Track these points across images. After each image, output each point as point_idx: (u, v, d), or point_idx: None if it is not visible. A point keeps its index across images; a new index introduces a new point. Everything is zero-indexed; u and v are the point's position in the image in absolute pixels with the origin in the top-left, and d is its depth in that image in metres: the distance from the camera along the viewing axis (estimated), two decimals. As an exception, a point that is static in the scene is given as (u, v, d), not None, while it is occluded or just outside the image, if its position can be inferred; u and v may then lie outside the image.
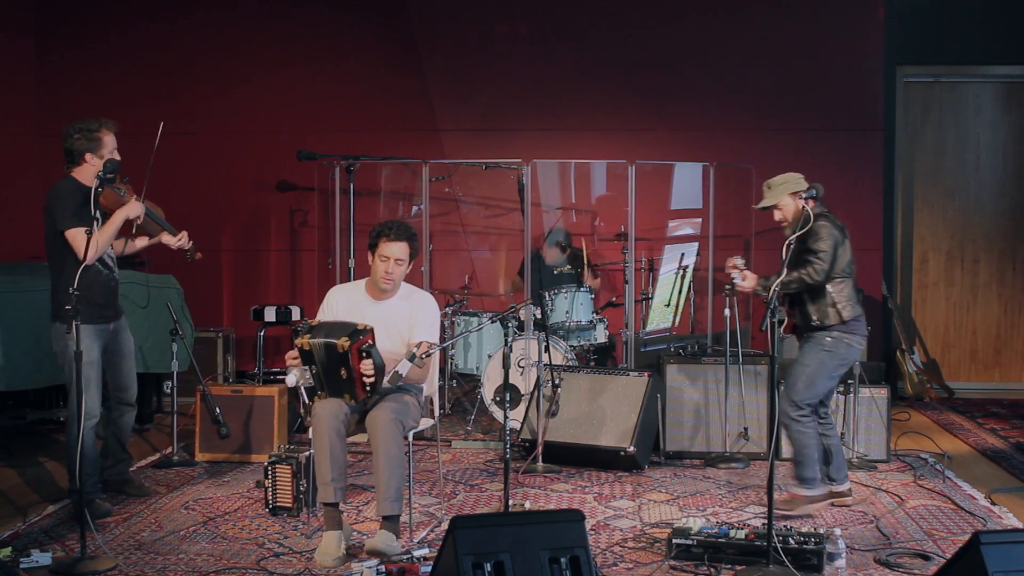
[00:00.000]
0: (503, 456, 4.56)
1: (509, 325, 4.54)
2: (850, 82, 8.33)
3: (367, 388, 4.34)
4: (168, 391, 6.68)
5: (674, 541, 4.24)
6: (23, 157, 8.35)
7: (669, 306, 7.63)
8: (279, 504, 4.94)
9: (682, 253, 7.71)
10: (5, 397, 6.05)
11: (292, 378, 4.49)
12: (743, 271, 4.87)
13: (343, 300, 4.70)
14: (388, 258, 4.53)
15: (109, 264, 4.96)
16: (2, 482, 5.16)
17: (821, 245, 4.75)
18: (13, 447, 5.84)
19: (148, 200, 5.04)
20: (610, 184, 8.28)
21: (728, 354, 6.05)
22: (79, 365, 4.29)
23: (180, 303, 6.68)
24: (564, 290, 6.80)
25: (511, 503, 4.55)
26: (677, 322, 7.75)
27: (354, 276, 6.97)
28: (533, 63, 8.47)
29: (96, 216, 4.77)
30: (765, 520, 4.14)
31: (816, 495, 4.91)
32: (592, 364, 6.97)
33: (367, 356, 4.28)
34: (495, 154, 7.81)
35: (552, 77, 8.45)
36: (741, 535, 4.22)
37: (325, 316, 4.63)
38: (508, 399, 4.52)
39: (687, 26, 8.44)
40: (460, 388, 7.81)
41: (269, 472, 4.94)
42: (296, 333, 4.38)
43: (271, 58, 8.55)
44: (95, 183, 4.68)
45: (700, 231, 7.95)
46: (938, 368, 8.38)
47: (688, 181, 8.15)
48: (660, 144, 8.35)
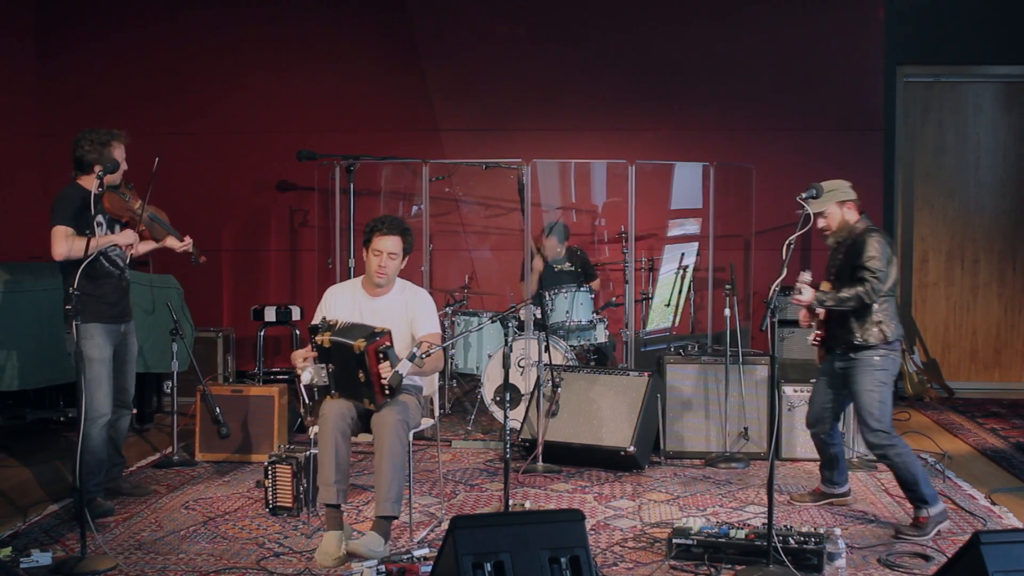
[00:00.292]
0: (503, 456, 4.56)
1: (509, 325, 4.54)
2: (850, 82, 8.33)
3: (386, 392, 4.32)
4: (168, 391, 6.68)
5: (674, 541, 4.24)
6: (23, 157, 8.35)
7: (669, 306, 7.64)
8: (279, 504, 4.95)
9: (682, 253, 7.72)
10: (5, 397, 6.04)
11: (307, 375, 4.48)
12: (804, 285, 4.69)
13: (341, 299, 4.72)
14: (381, 252, 4.57)
15: (120, 265, 4.97)
16: (2, 482, 5.15)
17: (877, 264, 4.64)
18: (13, 447, 5.83)
19: (153, 205, 5.04)
20: (610, 184, 8.27)
21: (728, 354, 6.05)
22: (79, 363, 4.31)
23: (180, 303, 6.68)
24: (564, 290, 6.80)
25: (511, 503, 4.55)
26: (677, 322, 7.76)
27: (354, 276, 6.96)
28: (533, 63, 8.47)
29: (100, 221, 4.78)
30: (765, 520, 4.14)
31: (940, 510, 4.71)
32: (592, 364, 6.97)
33: (384, 358, 4.27)
34: (495, 154, 7.82)
35: (552, 77, 8.45)
36: (741, 535, 4.22)
37: (323, 315, 4.63)
38: (508, 399, 4.52)
39: (687, 26, 8.44)
40: (460, 388, 7.81)
41: (269, 472, 4.95)
42: (315, 331, 4.39)
43: (271, 58, 8.55)
44: (95, 183, 4.71)
45: (700, 231, 7.95)
46: (938, 368, 8.39)
47: (688, 181, 8.15)
48: (660, 144, 8.35)
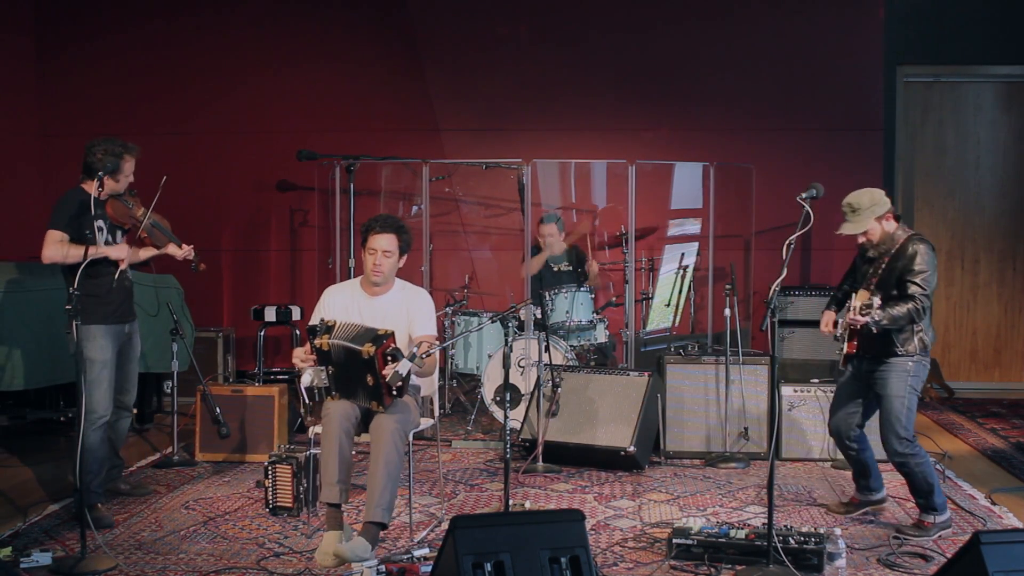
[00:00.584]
0: (503, 456, 4.56)
1: (509, 325, 4.54)
2: (850, 82, 8.32)
3: (394, 394, 4.32)
4: (168, 391, 6.68)
5: (674, 541, 4.25)
6: (23, 157, 8.35)
7: (669, 306, 7.64)
8: (279, 504, 4.95)
9: (682, 253, 7.72)
10: (5, 397, 6.04)
11: (307, 377, 4.47)
12: (865, 309, 4.54)
13: (339, 299, 4.71)
14: (376, 250, 4.58)
15: (119, 264, 4.95)
16: (2, 482, 5.15)
17: (927, 277, 4.54)
18: (13, 447, 5.83)
19: (155, 212, 5.04)
20: (610, 184, 8.27)
21: (728, 354, 6.05)
22: (79, 363, 4.31)
23: (180, 303, 6.68)
24: (564, 290, 6.80)
25: (511, 503, 4.55)
26: (677, 322, 7.76)
27: (354, 276, 6.96)
28: (533, 63, 8.47)
29: (100, 226, 4.78)
30: (765, 520, 4.14)
31: (947, 518, 4.70)
32: (592, 364, 6.97)
33: (392, 360, 4.26)
34: (495, 154, 7.82)
35: (552, 77, 8.45)
36: (741, 535, 4.22)
37: (322, 315, 4.63)
38: (508, 399, 4.52)
39: (687, 26, 8.43)
40: (460, 388, 7.81)
41: (269, 472, 4.95)
42: (314, 333, 4.37)
43: (271, 58, 8.55)
44: (95, 183, 4.71)
45: (700, 231, 7.95)
46: (938, 368, 8.38)
47: (688, 181, 8.15)
48: (660, 144, 8.35)
